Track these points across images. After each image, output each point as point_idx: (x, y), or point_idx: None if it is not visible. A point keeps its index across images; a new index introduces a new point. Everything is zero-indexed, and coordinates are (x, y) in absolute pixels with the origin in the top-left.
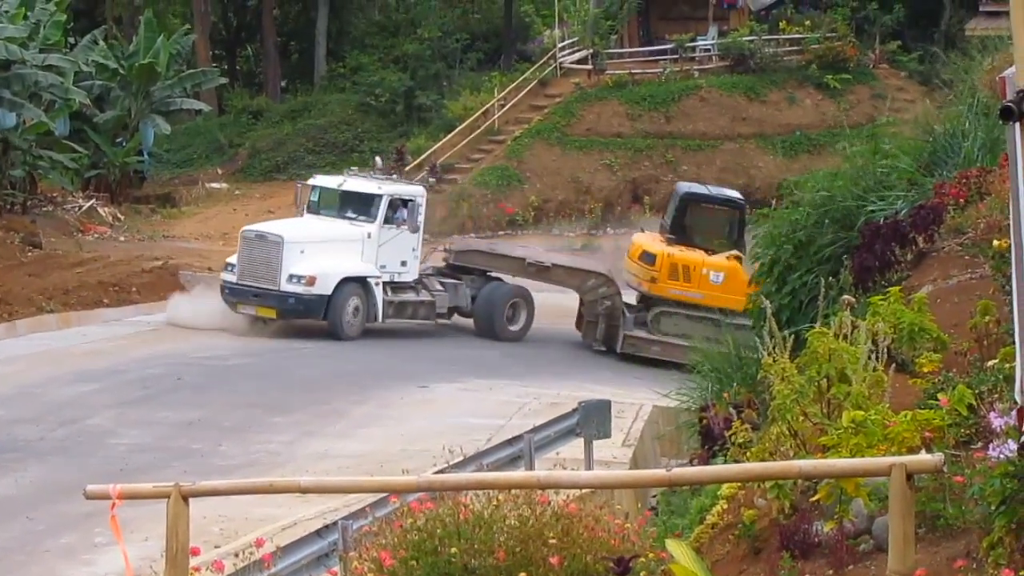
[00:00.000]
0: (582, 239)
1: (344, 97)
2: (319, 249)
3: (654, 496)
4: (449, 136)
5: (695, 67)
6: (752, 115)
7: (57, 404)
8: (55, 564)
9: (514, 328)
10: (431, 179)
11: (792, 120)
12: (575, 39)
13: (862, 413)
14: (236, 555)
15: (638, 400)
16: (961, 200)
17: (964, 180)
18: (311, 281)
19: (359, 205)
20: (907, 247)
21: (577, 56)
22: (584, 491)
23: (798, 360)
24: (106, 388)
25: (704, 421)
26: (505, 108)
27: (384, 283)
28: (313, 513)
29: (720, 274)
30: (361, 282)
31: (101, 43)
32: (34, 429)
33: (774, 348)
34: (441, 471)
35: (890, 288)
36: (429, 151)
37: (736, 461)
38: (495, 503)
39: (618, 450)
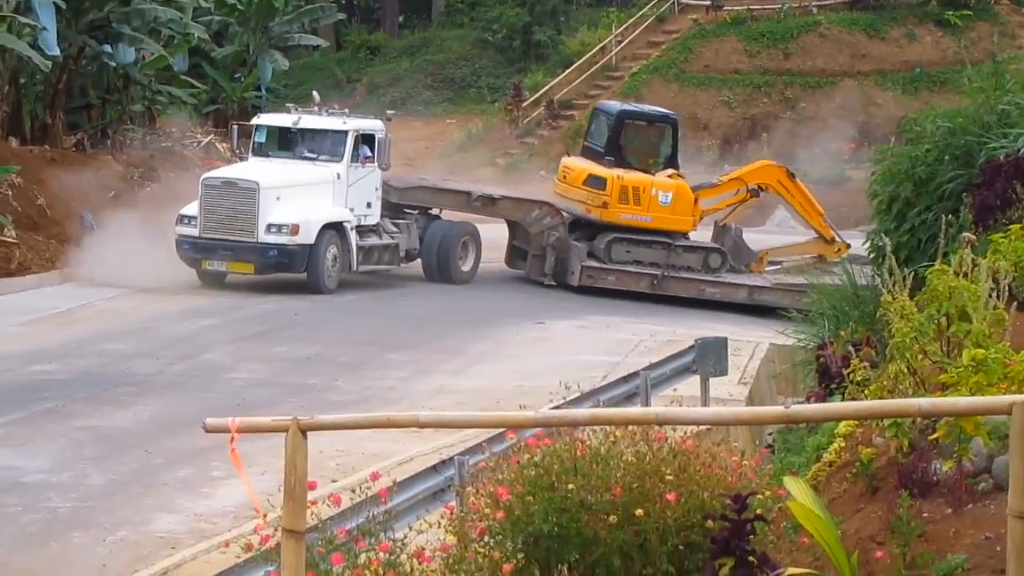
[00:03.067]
0: (700, 176)
1: (462, 33)
2: (293, 194)
3: (770, 434)
4: (566, 72)
5: (814, 3)
6: (872, 52)
7: (174, 339)
8: (173, 496)
9: (466, 269)
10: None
11: (912, 57)
12: None
13: (982, 351)
14: (353, 490)
15: (755, 338)
16: None
17: None
18: (295, 230)
19: (319, 143)
20: None
21: None
22: (701, 428)
23: (918, 298)
24: (222, 323)
25: (821, 359)
26: (622, 44)
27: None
28: (429, 449)
29: (668, 194)
30: (337, 228)
31: None
32: (152, 363)
33: (893, 286)
34: (558, 407)
35: (1011, 226)
36: (546, 87)
37: (854, 399)
38: (612, 439)
39: (734, 388)
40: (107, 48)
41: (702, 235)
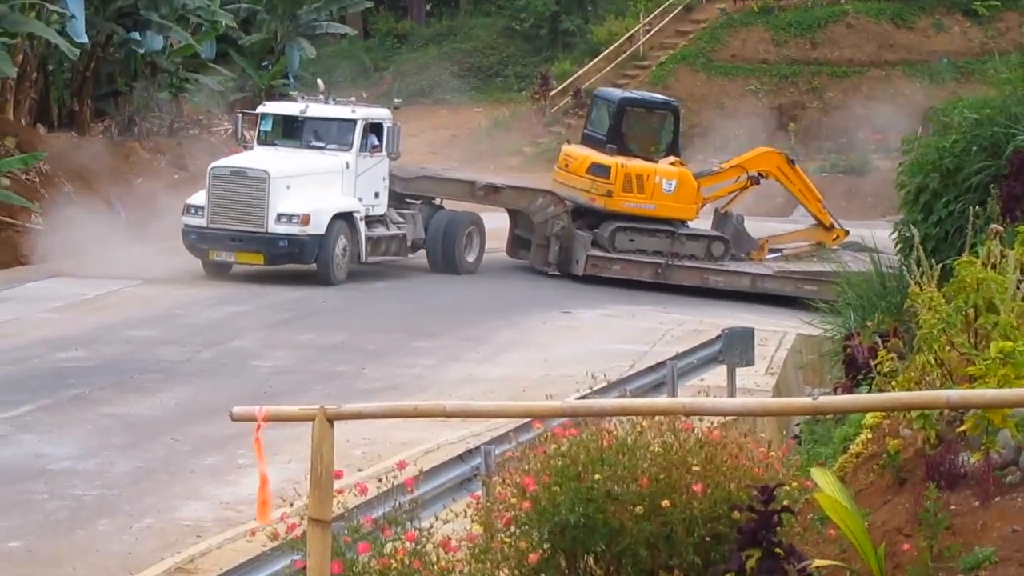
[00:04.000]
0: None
1: (489, 21)
2: (303, 183)
3: (797, 425)
4: (594, 61)
5: None
6: (899, 42)
7: (200, 326)
8: (199, 484)
9: (470, 259)
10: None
11: (939, 47)
12: None
13: (1010, 344)
14: (379, 479)
15: (781, 328)
16: None
17: None
18: (305, 220)
19: (327, 132)
20: None
21: None
22: (727, 418)
23: (945, 289)
24: (248, 311)
25: (848, 350)
26: (650, 33)
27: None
28: (456, 438)
29: (672, 182)
30: (347, 218)
31: None
32: (179, 350)
33: (921, 277)
34: (584, 397)
35: None
36: (573, 76)
37: (881, 390)
38: (639, 429)
39: (761, 378)
40: (135, 35)
41: (702, 223)
